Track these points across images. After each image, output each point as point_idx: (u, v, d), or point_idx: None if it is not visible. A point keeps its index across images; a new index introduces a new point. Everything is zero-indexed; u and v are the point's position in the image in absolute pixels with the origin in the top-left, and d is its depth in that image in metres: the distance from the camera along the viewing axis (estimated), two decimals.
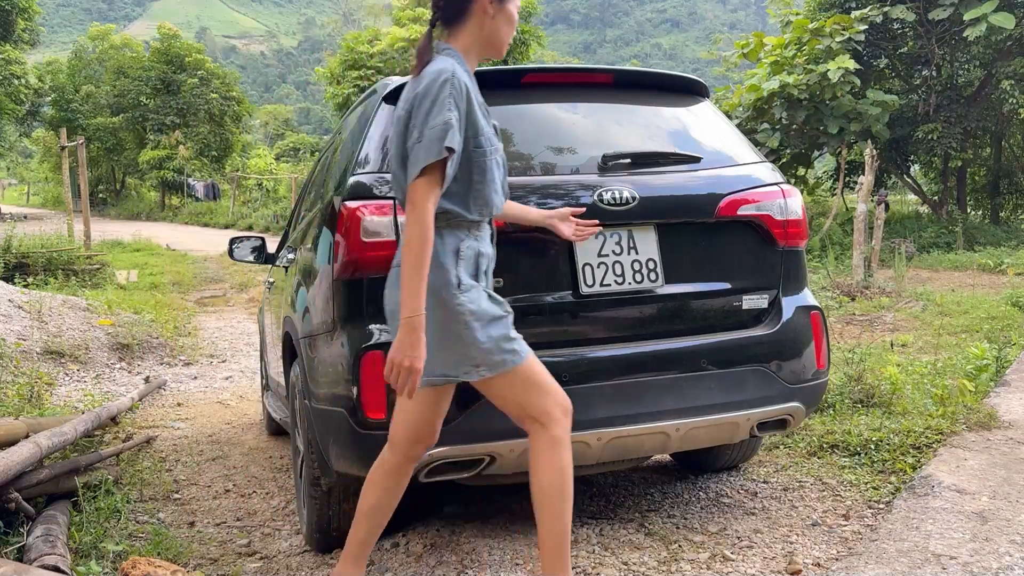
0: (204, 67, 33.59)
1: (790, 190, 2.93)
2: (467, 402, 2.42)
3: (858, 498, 3.10)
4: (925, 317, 7.43)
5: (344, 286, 2.53)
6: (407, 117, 2.11)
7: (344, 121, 3.58)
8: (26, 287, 8.05)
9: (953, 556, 2.43)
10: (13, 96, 28.74)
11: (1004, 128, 16.76)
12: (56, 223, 13.00)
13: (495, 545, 2.74)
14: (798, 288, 2.93)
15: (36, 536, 2.67)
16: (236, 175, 31.34)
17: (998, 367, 4.72)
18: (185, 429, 5.07)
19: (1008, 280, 10.07)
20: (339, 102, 22.44)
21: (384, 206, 2.49)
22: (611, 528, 2.86)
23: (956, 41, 14.76)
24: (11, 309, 6.62)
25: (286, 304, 3.40)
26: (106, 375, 6.30)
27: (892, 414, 3.96)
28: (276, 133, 52.17)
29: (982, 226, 15.54)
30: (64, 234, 11.96)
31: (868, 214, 10.13)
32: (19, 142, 43.09)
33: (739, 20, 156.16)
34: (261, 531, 3.32)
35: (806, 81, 13.61)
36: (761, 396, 2.73)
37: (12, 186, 55.30)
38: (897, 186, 18.64)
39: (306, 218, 3.49)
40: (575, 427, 2.45)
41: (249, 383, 6.40)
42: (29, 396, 4.71)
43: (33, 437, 3.18)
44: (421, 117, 2.06)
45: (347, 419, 2.45)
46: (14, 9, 27.42)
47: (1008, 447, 3.44)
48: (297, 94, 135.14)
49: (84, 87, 35.17)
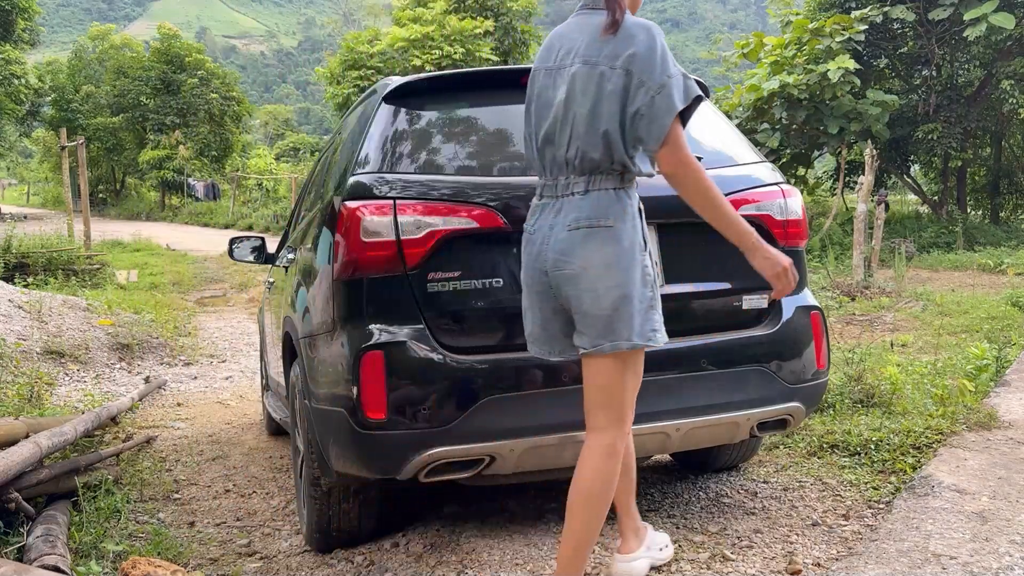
0: (204, 67, 33.59)
1: (790, 190, 2.93)
2: (467, 402, 2.42)
3: (858, 498, 3.10)
4: (925, 317, 7.43)
5: (344, 286, 2.53)
6: (624, 73, 2.00)
7: (344, 121, 3.58)
8: (26, 287, 8.06)
9: (953, 556, 2.43)
10: (13, 96, 28.74)
11: (1004, 128, 16.77)
12: (56, 223, 13.00)
13: (495, 545, 2.74)
14: (798, 288, 2.93)
15: (36, 536, 2.67)
16: (236, 175, 31.33)
17: (998, 367, 4.72)
18: (185, 429, 5.07)
19: (1008, 280, 10.07)
20: (339, 102, 22.42)
21: (384, 206, 2.49)
22: (611, 528, 2.86)
23: (956, 41, 14.77)
24: (11, 309, 6.62)
25: (286, 304, 3.40)
26: (106, 375, 6.30)
27: (892, 414, 3.96)
28: (276, 133, 52.16)
29: (982, 226, 15.54)
30: (64, 234, 11.96)
31: (868, 214, 10.13)
32: (19, 142, 43.07)
33: (739, 20, 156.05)
34: (261, 531, 3.32)
35: (806, 81, 13.61)
36: (761, 396, 2.73)
37: (12, 186, 55.29)
38: (897, 186, 18.64)
39: (306, 218, 3.49)
40: (575, 427, 2.45)
41: (249, 383, 6.40)
42: (29, 396, 4.71)
43: (33, 437, 3.18)
44: (657, 67, 1.99)
45: (347, 419, 2.45)
46: (14, 9, 27.42)
47: (1008, 447, 3.44)
48: (297, 94, 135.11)
49: (84, 87, 35.17)
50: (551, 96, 2.17)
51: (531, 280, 2.20)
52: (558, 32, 2.26)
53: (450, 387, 2.42)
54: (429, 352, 2.44)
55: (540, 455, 2.55)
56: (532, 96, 2.26)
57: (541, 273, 2.15)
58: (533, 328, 2.24)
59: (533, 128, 2.23)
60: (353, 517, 2.88)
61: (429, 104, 2.82)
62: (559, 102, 2.13)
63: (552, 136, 2.15)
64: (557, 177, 2.14)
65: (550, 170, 2.16)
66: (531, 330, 2.25)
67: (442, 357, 2.44)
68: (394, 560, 2.77)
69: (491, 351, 2.50)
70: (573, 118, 2.09)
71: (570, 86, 2.11)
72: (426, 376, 2.42)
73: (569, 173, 2.11)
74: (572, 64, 2.12)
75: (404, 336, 2.44)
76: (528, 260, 2.20)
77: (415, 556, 2.77)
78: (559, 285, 2.11)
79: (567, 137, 2.10)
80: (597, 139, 2.06)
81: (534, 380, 2.49)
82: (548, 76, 2.20)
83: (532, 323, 2.24)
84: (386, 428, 2.39)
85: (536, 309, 2.21)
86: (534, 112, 2.23)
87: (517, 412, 2.46)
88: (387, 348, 2.41)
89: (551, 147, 2.15)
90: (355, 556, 2.87)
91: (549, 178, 2.17)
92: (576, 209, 2.08)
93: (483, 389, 2.44)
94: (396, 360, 2.41)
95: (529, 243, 2.20)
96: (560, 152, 2.12)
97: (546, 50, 2.25)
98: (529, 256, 2.19)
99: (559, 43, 2.21)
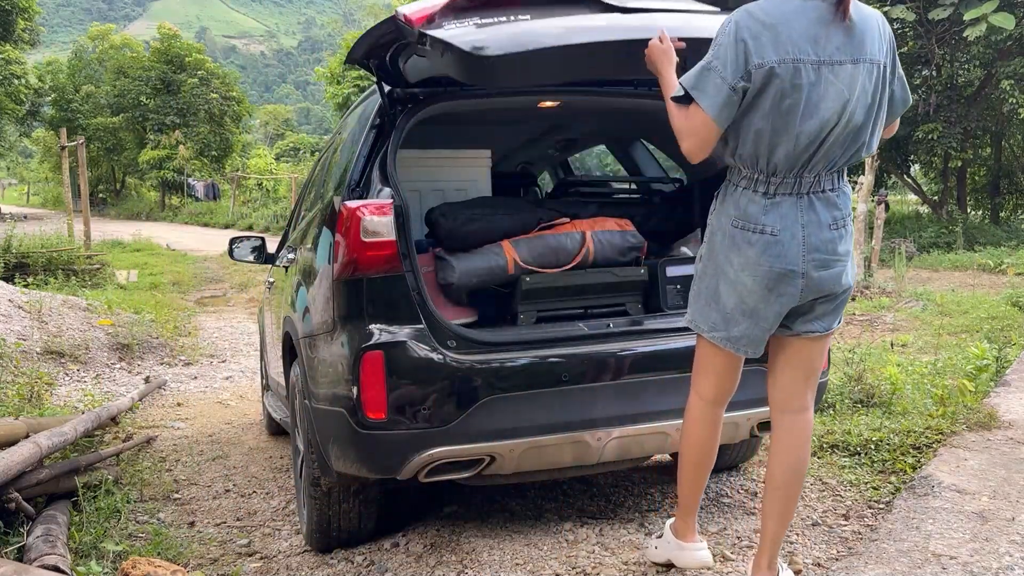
0: (204, 67, 33.58)
1: None
2: (467, 402, 2.42)
3: (858, 498, 3.10)
4: (925, 317, 7.43)
5: (344, 286, 2.53)
6: (891, 62, 2.08)
7: (344, 121, 3.58)
8: (26, 287, 8.05)
9: (953, 556, 2.43)
10: (13, 96, 28.73)
11: (1004, 128, 16.75)
12: (56, 223, 12.98)
13: (495, 545, 2.74)
14: None
15: (36, 536, 2.67)
16: (236, 175, 31.31)
17: (998, 367, 4.72)
18: (185, 429, 5.07)
19: (1008, 280, 10.06)
20: (339, 102, 22.45)
21: (384, 206, 2.49)
22: (611, 528, 2.86)
23: (956, 41, 14.76)
24: (11, 309, 6.62)
25: (286, 304, 3.40)
26: (106, 375, 6.30)
27: (892, 414, 3.96)
28: (276, 133, 52.15)
29: (982, 226, 15.52)
30: (64, 234, 11.95)
31: (868, 214, 10.12)
32: (19, 142, 43.05)
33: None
34: (261, 531, 3.32)
35: None
36: (761, 396, 2.72)
37: (12, 186, 55.29)
38: (897, 186, 18.63)
39: (306, 218, 3.49)
40: (575, 427, 2.46)
41: (249, 383, 6.40)
42: (29, 396, 4.71)
43: (33, 437, 3.18)
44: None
45: (347, 419, 2.45)
46: (14, 9, 27.40)
47: (1008, 447, 3.44)
48: (297, 94, 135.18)
49: (84, 87, 35.16)
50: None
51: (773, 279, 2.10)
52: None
53: (450, 387, 2.43)
54: (429, 352, 2.44)
55: (540, 455, 2.55)
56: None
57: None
58: (753, 330, 2.15)
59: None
60: (353, 517, 2.88)
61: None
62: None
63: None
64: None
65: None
66: (748, 331, 2.15)
67: (442, 357, 2.44)
68: (394, 560, 2.77)
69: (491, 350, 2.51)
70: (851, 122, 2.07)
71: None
72: (426, 376, 2.42)
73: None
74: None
75: (404, 336, 2.44)
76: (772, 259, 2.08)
77: (415, 556, 2.77)
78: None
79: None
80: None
81: (534, 380, 2.49)
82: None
83: (756, 325, 2.14)
84: (386, 428, 2.39)
85: (776, 308, 2.12)
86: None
87: (517, 412, 2.46)
88: (387, 348, 2.41)
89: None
90: (355, 556, 2.87)
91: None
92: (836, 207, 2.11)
93: (483, 389, 2.44)
94: (396, 360, 2.41)
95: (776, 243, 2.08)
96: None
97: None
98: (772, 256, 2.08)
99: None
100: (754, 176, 2.07)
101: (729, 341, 2.17)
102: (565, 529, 2.84)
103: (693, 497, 2.37)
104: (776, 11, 1.99)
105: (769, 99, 1.99)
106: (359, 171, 2.66)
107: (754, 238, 2.07)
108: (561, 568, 2.52)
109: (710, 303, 2.18)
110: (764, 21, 1.98)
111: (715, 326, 2.18)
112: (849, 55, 2.00)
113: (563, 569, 2.51)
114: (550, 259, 2.88)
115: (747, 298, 2.10)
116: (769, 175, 2.06)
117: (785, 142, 2.01)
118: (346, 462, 2.57)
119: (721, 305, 2.15)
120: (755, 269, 2.07)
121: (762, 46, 1.96)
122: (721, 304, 2.15)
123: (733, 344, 2.17)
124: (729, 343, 2.17)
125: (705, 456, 2.32)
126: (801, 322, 2.16)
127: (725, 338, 2.17)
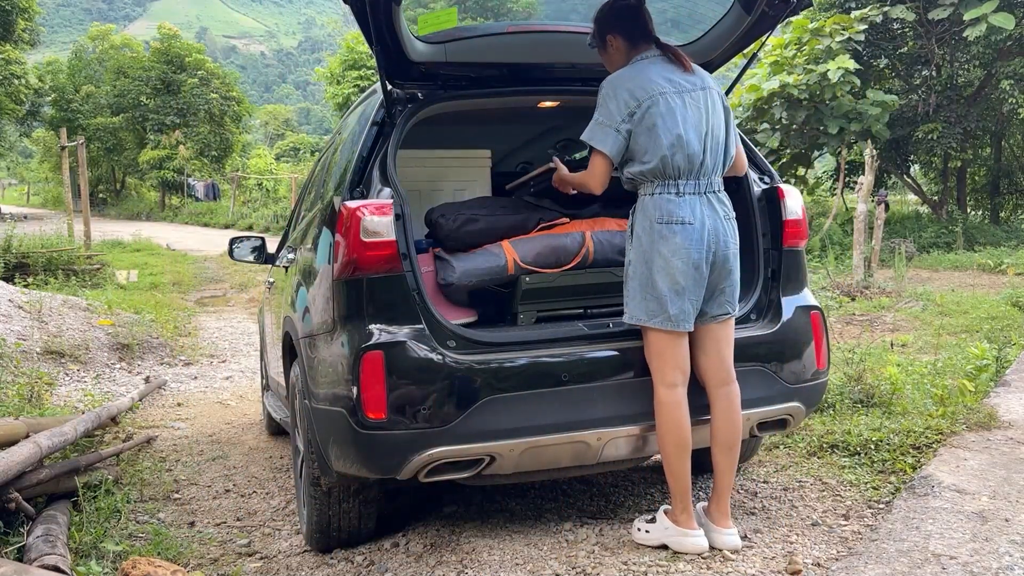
0: (204, 67, 33.58)
1: (790, 190, 2.93)
2: (467, 402, 2.42)
3: (858, 498, 3.10)
4: (925, 317, 7.43)
5: (344, 286, 2.53)
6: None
7: (344, 121, 3.58)
8: (26, 287, 8.05)
9: (953, 556, 2.43)
10: (13, 96, 28.73)
11: (1004, 128, 16.75)
12: (56, 223, 12.98)
13: (495, 545, 2.74)
14: (798, 288, 2.93)
15: (36, 536, 2.67)
16: (236, 175, 31.31)
17: (998, 367, 4.72)
18: (185, 429, 5.07)
19: (1008, 280, 10.06)
20: (339, 102, 22.45)
21: (384, 206, 2.50)
22: (611, 528, 2.86)
23: (956, 41, 14.76)
24: (11, 309, 6.62)
25: (286, 304, 3.40)
26: (106, 375, 6.30)
27: (892, 414, 3.96)
28: (276, 133, 52.15)
29: (982, 226, 15.52)
30: (64, 234, 11.95)
31: (868, 214, 10.13)
32: (19, 142, 43.06)
33: None
34: (261, 531, 3.32)
35: (806, 81, 13.60)
36: (761, 396, 2.73)
37: (12, 186, 55.27)
38: (897, 186, 18.62)
39: (306, 218, 3.49)
40: (575, 427, 2.46)
41: (249, 383, 6.40)
42: (29, 396, 4.71)
43: (33, 437, 3.18)
44: None
45: (347, 419, 2.45)
46: (14, 9, 27.39)
47: (1008, 447, 3.44)
48: (297, 94, 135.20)
49: (84, 87, 35.14)
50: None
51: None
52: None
53: (450, 387, 2.43)
54: (429, 352, 2.44)
55: (540, 455, 2.55)
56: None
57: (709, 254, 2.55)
58: (685, 305, 2.53)
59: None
60: (353, 517, 2.88)
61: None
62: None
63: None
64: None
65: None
66: (682, 307, 2.52)
67: (442, 357, 2.44)
68: (394, 560, 2.77)
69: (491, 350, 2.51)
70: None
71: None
72: (426, 376, 2.42)
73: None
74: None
75: (404, 336, 2.44)
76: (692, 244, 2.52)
77: (415, 556, 2.77)
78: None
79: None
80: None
81: (534, 380, 2.49)
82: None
83: (686, 301, 2.53)
84: (386, 428, 2.39)
85: (700, 282, 2.54)
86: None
87: (517, 412, 2.46)
88: (387, 348, 2.41)
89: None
90: (355, 556, 2.87)
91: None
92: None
93: (483, 389, 2.44)
94: (396, 360, 2.41)
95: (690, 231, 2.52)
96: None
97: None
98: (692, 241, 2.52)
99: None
100: (665, 182, 2.53)
101: (669, 320, 2.52)
102: (565, 529, 2.84)
103: (683, 482, 2.57)
104: (633, 70, 2.60)
105: (655, 123, 2.51)
106: (359, 171, 2.66)
107: (677, 228, 2.51)
108: (561, 568, 2.52)
109: (646, 294, 2.53)
110: (629, 76, 2.58)
111: (654, 312, 2.53)
112: (698, 85, 2.62)
113: (563, 569, 2.51)
114: (550, 259, 2.88)
115: (679, 277, 2.50)
116: (676, 179, 2.53)
117: (680, 150, 2.51)
118: (346, 462, 2.57)
119: (657, 292, 2.52)
120: (683, 252, 2.50)
121: (633, 91, 2.54)
122: (657, 291, 2.52)
123: (673, 322, 2.52)
124: (669, 322, 2.52)
125: (683, 438, 2.55)
126: (715, 306, 2.59)
127: (666, 319, 2.52)
